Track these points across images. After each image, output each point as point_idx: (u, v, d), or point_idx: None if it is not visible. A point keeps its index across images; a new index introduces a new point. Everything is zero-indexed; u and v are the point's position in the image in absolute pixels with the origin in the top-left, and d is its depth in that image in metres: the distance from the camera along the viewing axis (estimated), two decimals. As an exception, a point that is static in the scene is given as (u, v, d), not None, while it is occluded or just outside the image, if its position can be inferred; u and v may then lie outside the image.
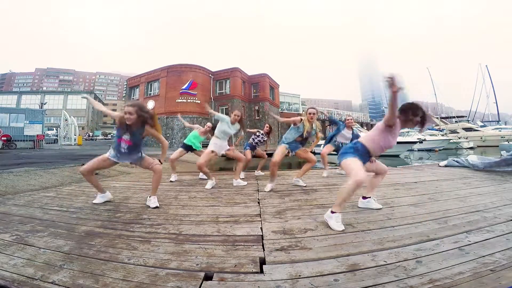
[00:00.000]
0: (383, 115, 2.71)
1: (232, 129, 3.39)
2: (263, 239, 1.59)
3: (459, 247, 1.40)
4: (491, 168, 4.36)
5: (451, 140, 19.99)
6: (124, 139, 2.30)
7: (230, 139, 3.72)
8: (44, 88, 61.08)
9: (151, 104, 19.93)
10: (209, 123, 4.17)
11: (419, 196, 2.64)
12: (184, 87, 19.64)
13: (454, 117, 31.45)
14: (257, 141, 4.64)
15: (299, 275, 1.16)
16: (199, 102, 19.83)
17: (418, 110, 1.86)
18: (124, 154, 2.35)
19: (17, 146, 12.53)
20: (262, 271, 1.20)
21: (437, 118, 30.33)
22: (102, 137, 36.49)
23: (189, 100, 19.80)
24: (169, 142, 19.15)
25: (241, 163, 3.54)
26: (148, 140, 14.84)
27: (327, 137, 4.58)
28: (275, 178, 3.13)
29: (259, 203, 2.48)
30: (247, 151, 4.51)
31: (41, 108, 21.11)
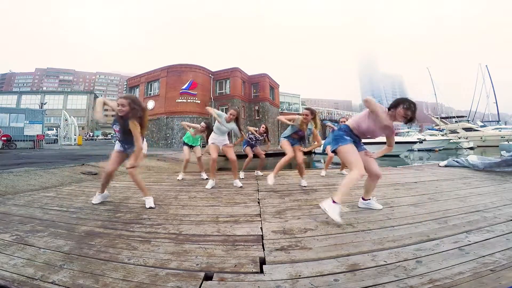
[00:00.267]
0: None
1: (226, 126, 3.44)
2: (263, 239, 1.59)
3: (459, 247, 1.39)
4: (491, 168, 4.36)
5: (451, 140, 20.02)
6: (117, 130, 2.44)
7: (230, 140, 3.74)
8: (44, 88, 60.99)
9: (151, 104, 19.94)
10: (202, 123, 4.18)
11: (419, 196, 2.65)
12: (184, 87, 19.62)
13: (454, 117, 31.40)
14: (254, 139, 4.68)
15: (299, 275, 1.16)
16: (199, 102, 19.82)
17: (406, 103, 1.88)
18: (122, 142, 2.48)
19: (17, 146, 12.53)
20: (262, 271, 1.20)
21: (437, 118, 30.36)
22: (102, 137, 36.49)
23: (189, 100, 19.77)
24: (169, 142, 19.19)
25: (234, 165, 3.49)
26: (148, 140, 14.80)
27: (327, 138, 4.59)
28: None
29: (259, 203, 2.49)
30: (247, 148, 4.59)
31: (41, 108, 21.13)
